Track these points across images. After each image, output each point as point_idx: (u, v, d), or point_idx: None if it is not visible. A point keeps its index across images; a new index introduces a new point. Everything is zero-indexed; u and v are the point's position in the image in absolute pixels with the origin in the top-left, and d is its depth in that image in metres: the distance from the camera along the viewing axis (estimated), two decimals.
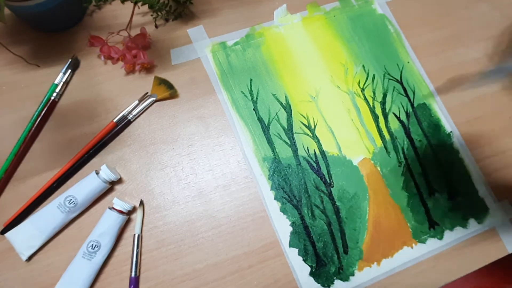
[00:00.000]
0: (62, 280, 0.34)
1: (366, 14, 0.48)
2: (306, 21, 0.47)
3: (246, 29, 0.46)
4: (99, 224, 0.36)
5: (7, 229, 0.36)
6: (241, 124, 0.42)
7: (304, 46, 0.46)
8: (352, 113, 0.44)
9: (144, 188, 0.39)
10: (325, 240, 0.39)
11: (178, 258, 0.37)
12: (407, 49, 0.47)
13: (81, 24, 0.44)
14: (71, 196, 0.36)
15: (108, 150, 0.40)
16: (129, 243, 0.37)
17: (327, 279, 0.38)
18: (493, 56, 0.48)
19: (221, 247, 0.38)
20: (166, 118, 0.42)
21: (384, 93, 0.45)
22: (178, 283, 0.36)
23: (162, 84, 0.42)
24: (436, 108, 0.45)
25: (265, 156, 0.41)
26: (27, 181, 0.38)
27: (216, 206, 0.39)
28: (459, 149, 0.44)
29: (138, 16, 0.45)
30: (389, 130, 0.44)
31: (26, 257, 0.35)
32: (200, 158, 0.41)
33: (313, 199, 0.40)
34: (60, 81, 0.41)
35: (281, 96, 0.43)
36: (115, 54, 0.41)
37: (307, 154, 0.42)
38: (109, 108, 0.41)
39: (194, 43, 0.45)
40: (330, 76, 0.45)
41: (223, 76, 0.44)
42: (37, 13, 0.38)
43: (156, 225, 0.38)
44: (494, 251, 0.41)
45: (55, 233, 0.36)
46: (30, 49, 0.42)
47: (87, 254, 0.35)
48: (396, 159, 0.42)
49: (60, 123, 0.40)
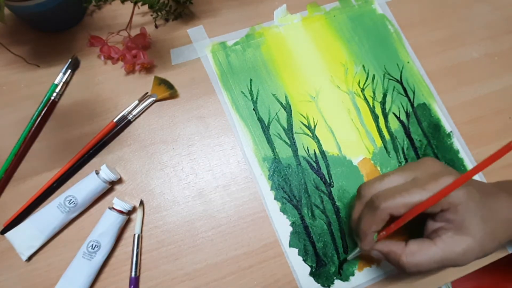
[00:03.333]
0: (62, 280, 0.34)
1: (366, 14, 0.48)
2: (306, 21, 0.47)
3: (246, 29, 0.46)
4: (99, 224, 0.36)
5: (7, 229, 0.36)
6: (241, 124, 0.42)
7: (304, 46, 0.46)
8: (352, 113, 0.44)
9: (144, 188, 0.39)
10: (325, 240, 0.39)
11: (178, 258, 0.37)
12: (407, 49, 0.47)
13: (81, 24, 0.44)
14: (71, 196, 0.36)
15: (108, 150, 0.40)
16: (129, 243, 0.37)
17: (327, 279, 0.38)
18: (493, 56, 0.48)
19: (221, 247, 0.38)
20: (166, 118, 0.42)
21: (384, 93, 0.45)
22: (178, 283, 0.36)
23: (162, 84, 0.42)
24: (436, 108, 0.45)
25: (265, 156, 0.41)
26: (27, 181, 0.38)
27: (216, 206, 0.39)
28: (459, 149, 0.44)
29: (138, 16, 0.45)
30: (389, 130, 0.44)
31: (26, 257, 0.35)
32: (200, 158, 0.41)
33: (313, 199, 0.40)
34: (60, 81, 0.41)
35: (281, 96, 0.43)
36: (115, 54, 0.42)
37: (307, 154, 0.42)
38: (109, 108, 0.41)
39: (194, 43, 0.45)
40: (330, 76, 0.45)
41: (223, 76, 0.44)
42: (37, 13, 0.38)
43: (156, 225, 0.38)
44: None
45: (55, 233, 0.36)
46: (30, 49, 0.42)
47: (87, 254, 0.35)
48: (396, 159, 0.42)
49: (60, 123, 0.40)
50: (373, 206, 0.30)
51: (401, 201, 0.29)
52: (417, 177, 0.31)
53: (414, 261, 0.30)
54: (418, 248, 0.30)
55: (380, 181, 0.32)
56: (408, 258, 0.30)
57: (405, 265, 0.30)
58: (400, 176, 0.32)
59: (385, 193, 0.30)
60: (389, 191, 0.30)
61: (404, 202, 0.29)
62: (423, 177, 0.30)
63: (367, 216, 0.31)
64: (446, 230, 0.30)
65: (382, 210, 0.29)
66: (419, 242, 0.31)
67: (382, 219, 0.30)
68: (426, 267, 0.30)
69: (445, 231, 0.30)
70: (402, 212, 0.29)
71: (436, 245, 0.30)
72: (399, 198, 0.29)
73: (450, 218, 0.30)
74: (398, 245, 0.31)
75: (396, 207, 0.29)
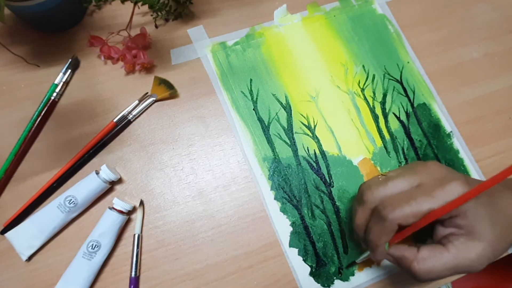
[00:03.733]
0: (62, 280, 0.35)
1: (366, 14, 0.48)
2: (306, 21, 0.47)
3: (246, 29, 0.46)
4: (99, 224, 0.36)
5: (7, 229, 0.36)
6: (241, 124, 0.42)
7: (304, 46, 0.46)
8: (352, 113, 0.44)
9: (144, 188, 0.39)
10: (325, 240, 0.39)
11: (178, 258, 0.37)
12: (407, 49, 0.47)
13: (81, 24, 0.44)
14: (71, 196, 0.36)
15: (108, 150, 0.40)
16: (129, 243, 0.37)
17: (327, 279, 0.38)
18: (493, 56, 0.48)
19: (221, 247, 0.38)
20: (166, 118, 0.42)
21: (384, 93, 0.45)
22: (178, 283, 0.36)
23: (162, 84, 0.42)
24: (436, 108, 0.45)
25: (265, 156, 0.41)
26: (27, 181, 0.38)
27: (216, 206, 0.39)
28: (459, 149, 0.44)
29: (138, 16, 0.45)
30: (389, 130, 0.44)
31: (26, 257, 0.35)
32: (200, 158, 0.41)
33: (313, 199, 0.40)
34: (60, 81, 0.41)
35: (281, 96, 0.43)
36: (115, 54, 0.42)
37: (307, 154, 0.42)
38: (109, 108, 0.41)
39: (194, 43, 0.45)
40: (330, 76, 0.45)
41: (223, 76, 0.44)
42: (37, 13, 0.38)
43: (156, 225, 0.38)
44: None
45: (55, 233, 0.36)
46: (30, 49, 0.42)
47: (87, 254, 0.35)
48: (396, 159, 0.42)
49: (60, 123, 0.40)
50: (381, 216, 0.29)
51: (409, 210, 0.28)
52: (423, 183, 0.30)
53: (426, 268, 0.29)
54: (430, 255, 0.30)
55: (384, 186, 0.31)
56: (420, 265, 0.29)
57: (417, 272, 0.30)
58: (404, 181, 0.31)
59: (392, 202, 0.29)
60: (395, 199, 0.29)
61: (412, 212, 0.28)
62: (429, 183, 0.29)
63: (376, 227, 0.30)
64: (457, 236, 0.30)
65: (391, 221, 0.28)
66: (431, 248, 0.30)
67: (392, 230, 0.29)
68: (438, 274, 0.29)
69: (457, 237, 0.29)
70: (411, 222, 0.28)
71: (449, 251, 0.29)
72: (407, 207, 0.28)
73: (460, 224, 0.29)
74: (410, 251, 0.30)
75: (405, 217, 0.28)
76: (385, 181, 0.31)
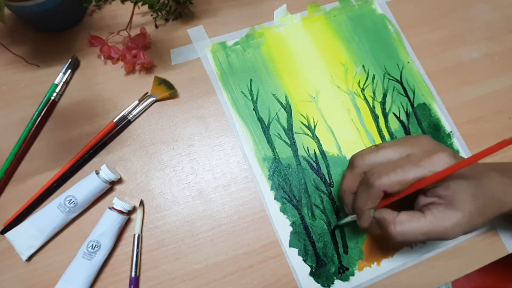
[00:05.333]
0: (62, 280, 0.35)
1: (366, 14, 0.48)
2: (306, 21, 0.47)
3: (246, 29, 0.46)
4: (99, 224, 0.36)
5: (7, 229, 0.36)
6: (241, 124, 0.42)
7: (304, 46, 0.46)
8: (352, 113, 0.44)
9: (144, 188, 0.39)
10: (325, 240, 0.39)
11: (178, 258, 0.37)
12: (407, 49, 0.47)
13: (81, 24, 0.44)
14: (71, 196, 0.36)
15: (108, 150, 0.40)
16: (129, 243, 0.37)
17: (327, 279, 0.38)
18: (493, 56, 0.48)
19: (221, 247, 0.38)
20: (166, 118, 0.42)
21: (384, 93, 0.45)
22: (178, 283, 0.36)
23: (162, 84, 0.42)
24: (436, 108, 0.45)
25: (265, 156, 0.41)
26: (27, 181, 0.38)
27: (216, 206, 0.39)
28: (459, 149, 0.44)
29: (138, 16, 0.45)
30: (389, 130, 0.44)
31: (26, 257, 0.35)
32: (200, 158, 0.41)
33: (313, 199, 0.40)
34: (60, 81, 0.41)
35: (281, 96, 0.43)
36: (115, 54, 0.42)
37: (307, 154, 0.42)
38: (109, 108, 0.41)
39: (194, 43, 0.45)
40: (330, 76, 0.45)
41: (223, 76, 0.44)
42: (37, 13, 0.38)
43: (156, 225, 0.38)
44: (494, 251, 0.41)
45: (55, 233, 0.36)
46: (30, 49, 0.42)
47: (87, 254, 0.35)
48: None
49: (60, 123, 0.40)
50: (368, 183, 0.30)
51: (395, 178, 0.29)
52: (412, 153, 0.31)
53: (401, 230, 0.31)
54: (407, 219, 0.31)
55: (375, 153, 0.32)
56: (397, 227, 0.31)
57: (392, 233, 0.31)
58: (395, 151, 0.32)
59: (379, 170, 0.30)
60: (383, 167, 0.30)
61: (398, 180, 0.29)
62: (418, 154, 0.30)
63: (363, 194, 0.31)
64: (437, 205, 0.31)
65: (377, 187, 0.30)
66: (410, 213, 0.31)
67: (377, 196, 0.30)
68: (412, 237, 0.31)
69: (436, 206, 0.31)
70: (396, 189, 0.29)
71: (426, 217, 0.30)
72: (393, 175, 0.29)
73: (441, 194, 0.30)
74: (390, 214, 0.32)
75: (390, 185, 0.29)
76: (376, 148, 0.33)
